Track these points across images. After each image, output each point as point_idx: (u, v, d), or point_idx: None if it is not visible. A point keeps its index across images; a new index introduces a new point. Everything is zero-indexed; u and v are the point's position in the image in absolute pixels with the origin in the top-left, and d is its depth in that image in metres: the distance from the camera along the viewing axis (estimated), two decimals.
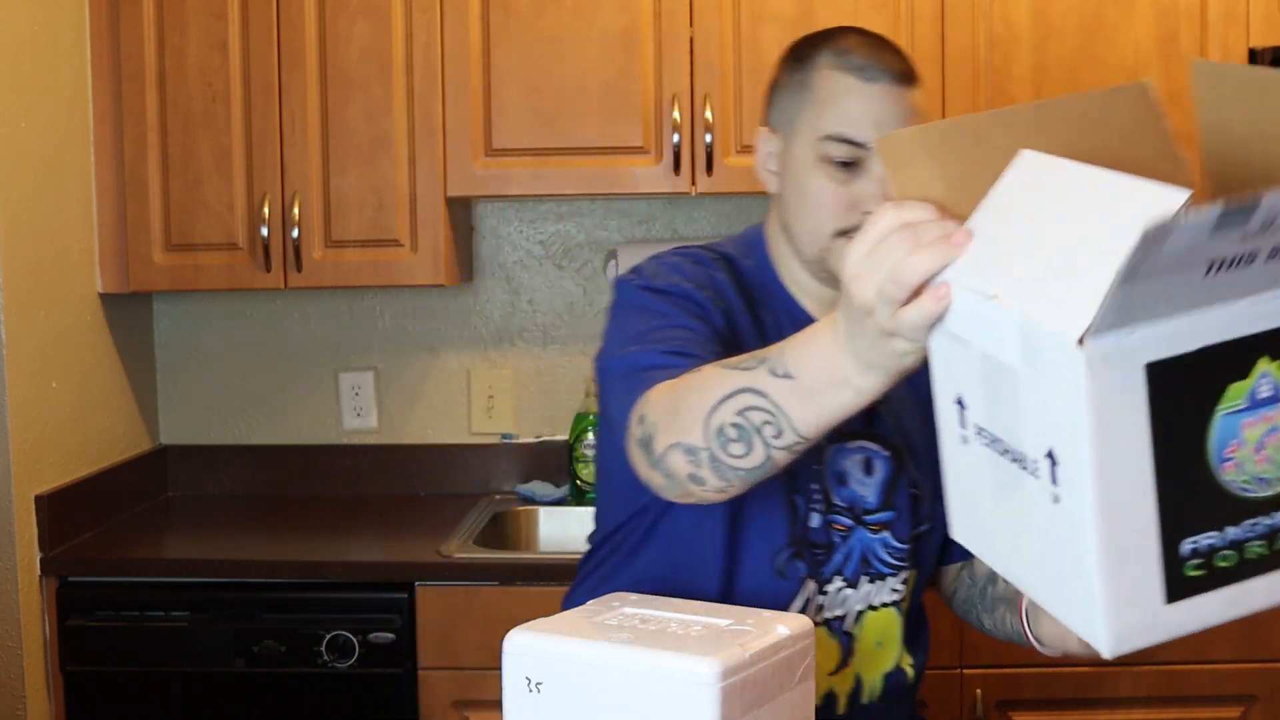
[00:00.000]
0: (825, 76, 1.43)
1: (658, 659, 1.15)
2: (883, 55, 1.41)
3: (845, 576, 1.46)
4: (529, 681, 1.18)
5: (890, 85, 1.39)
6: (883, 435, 1.47)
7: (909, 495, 1.48)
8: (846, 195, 1.41)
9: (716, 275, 1.45)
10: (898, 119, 1.38)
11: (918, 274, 0.89)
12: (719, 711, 1.12)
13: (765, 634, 1.21)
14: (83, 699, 2.49)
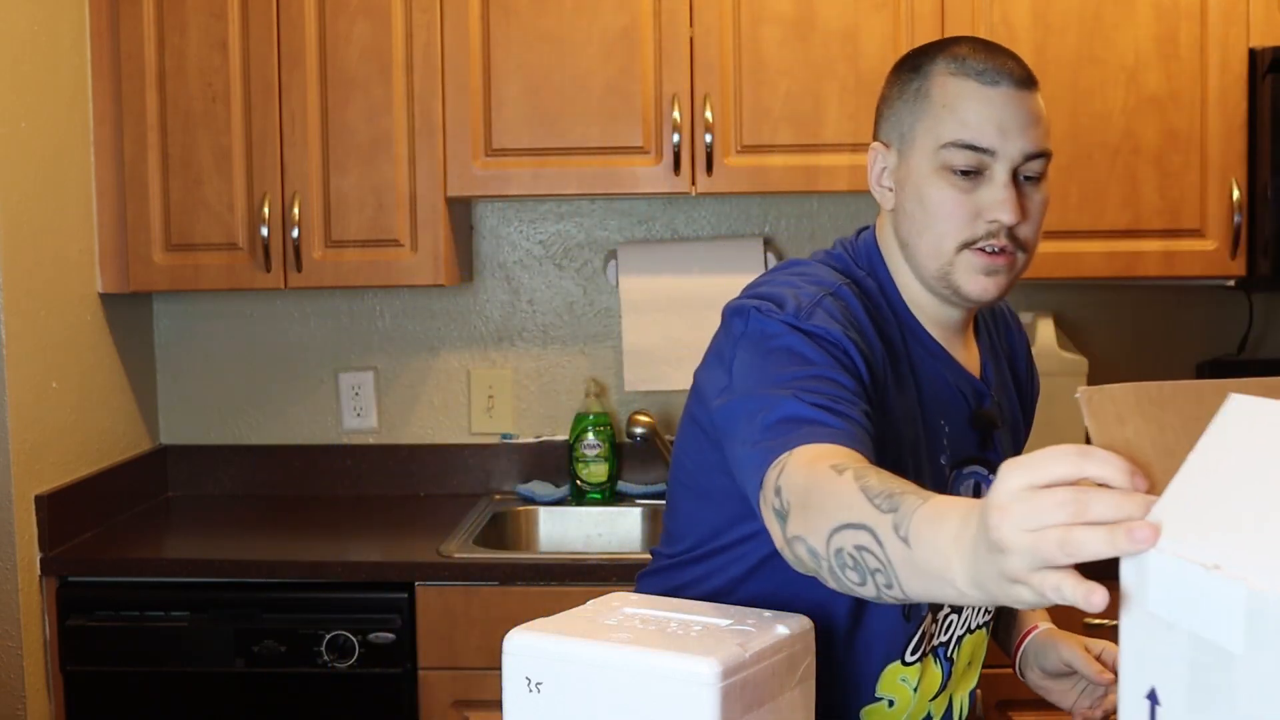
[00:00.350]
0: (943, 83, 1.37)
1: (658, 659, 1.15)
2: (1001, 59, 1.36)
3: (957, 609, 1.47)
4: (529, 681, 1.18)
5: (1011, 88, 1.34)
6: (995, 460, 1.44)
7: None
8: (970, 204, 1.36)
9: (858, 313, 1.37)
10: (1021, 122, 1.34)
11: (1080, 554, 0.78)
12: (719, 711, 1.12)
13: (765, 634, 1.21)
14: (83, 699, 2.49)
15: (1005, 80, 1.34)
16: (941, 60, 1.38)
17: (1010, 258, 1.37)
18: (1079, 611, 2.41)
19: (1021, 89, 1.35)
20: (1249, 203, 2.57)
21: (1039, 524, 0.79)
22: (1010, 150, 1.34)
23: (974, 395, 1.46)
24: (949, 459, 1.41)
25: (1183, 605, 0.75)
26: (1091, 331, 2.97)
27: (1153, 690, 0.79)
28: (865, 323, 1.37)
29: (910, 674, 1.44)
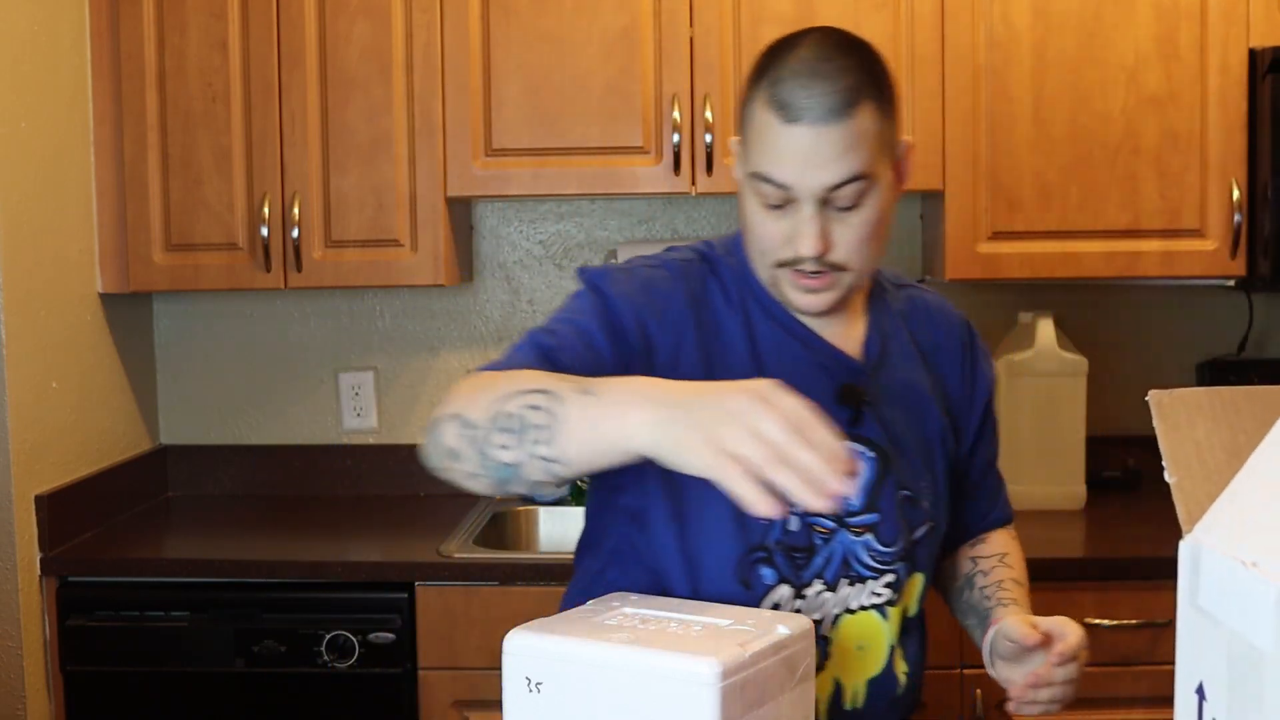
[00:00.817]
0: (757, 110, 1.37)
1: (658, 659, 1.15)
2: (814, 88, 1.33)
3: (825, 580, 1.44)
4: (529, 681, 1.18)
5: (815, 124, 1.32)
6: (868, 437, 1.46)
7: (899, 498, 1.47)
8: (780, 230, 1.38)
9: (676, 287, 1.43)
10: (822, 158, 1.33)
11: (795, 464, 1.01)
12: (719, 711, 1.12)
13: (765, 634, 1.21)
14: (83, 699, 2.49)
15: (808, 115, 1.32)
16: (765, 81, 1.36)
17: (828, 278, 1.39)
18: (1078, 609, 2.41)
19: (828, 122, 1.32)
20: (1249, 203, 2.57)
21: (763, 432, 1.02)
22: (809, 186, 1.34)
23: (844, 372, 1.47)
24: None
25: (1225, 602, 0.77)
26: (1091, 331, 2.97)
27: (1200, 685, 0.81)
28: (680, 297, 1.42)
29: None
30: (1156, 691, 2.35)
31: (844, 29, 1.43)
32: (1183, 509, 0.87)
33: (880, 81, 1.37)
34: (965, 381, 1.57)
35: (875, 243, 1.40)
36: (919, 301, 1.59)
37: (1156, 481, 2.98)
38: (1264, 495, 0.78)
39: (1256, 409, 0.87)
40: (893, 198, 1.42)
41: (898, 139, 1.42)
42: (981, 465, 1.64)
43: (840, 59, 1.35)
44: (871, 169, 1.36)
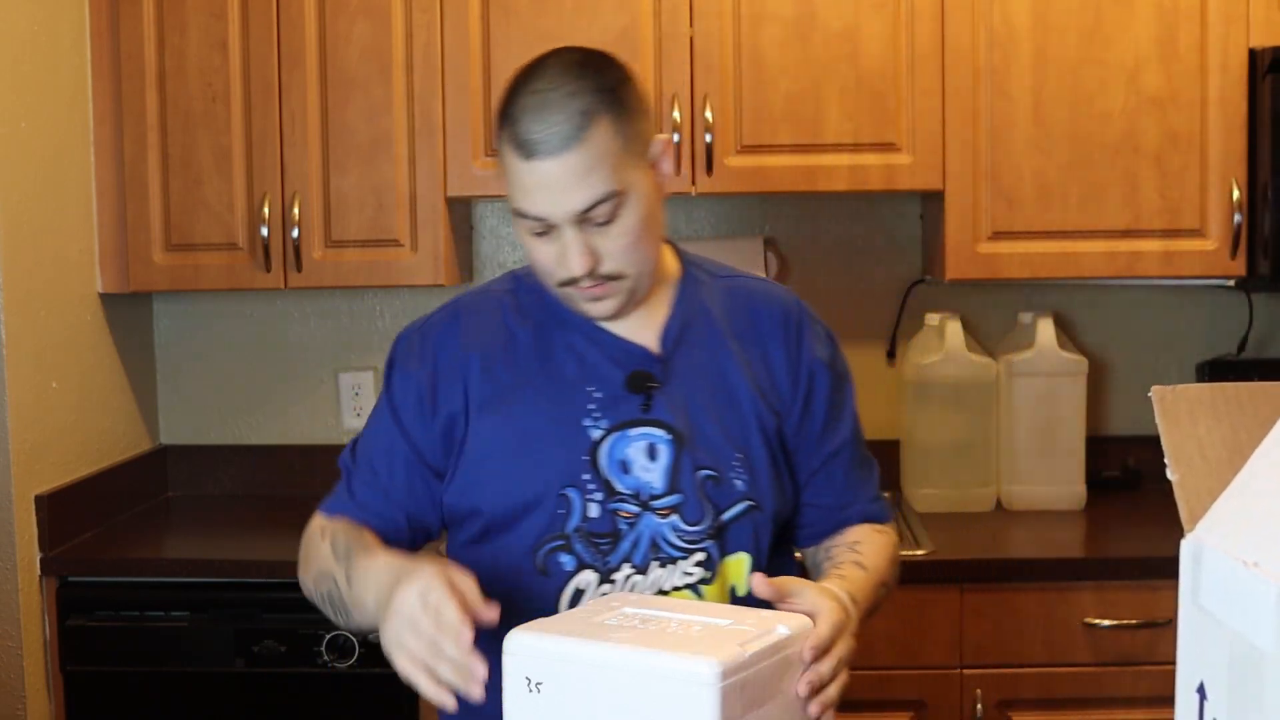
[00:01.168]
0: (503, 148, 1.45)
1: (658, 659, 1.15)
2: (544, 120, 1.40)
3: (634, 563, 1.48)
4: (529, 681, 1.18)
5: (549, 158, 1.40)
6: (662, 420, 1.50)
7: (699, 478, 1.50)
8: (550, 254, 1.46)
9: (451, 338, 1.57)
10: (563, 186, 1.41)
11: (415, 684, 1.23)
12: (719, 711, 1.12)
13: (765, 634, 1.21)
14: (83, 699, 2.49)
15: (541, 149, 1.40)
16: (505, 120, 1.44)
17: (606, 287, 1.48)
18: (1078, 609, 2.41)
19: (560, 153, 1.39)
20: (1249, 203, 2.57)
21: (403, 643, 1.25)
22: (560, 214, 1.42)
23: (635, 362, 1.52)
24: (607, 423, 1.50)
25: (1227, 601, 0.77)
26: (1091, 331, 2.97)
27: (1201, 684, 0.80)
28: (454, 344, 1.56)
29: None
30: (1156, 691, 2.35)
31: (581, 47, 1.50)
32: (1184, 506, 0.87)
33: (616, 94, 1.43)
34: (790, 362, 1.59)
35: (644, 245, 1.47)
36: (739, 290, 1.63)
37: (1157, 481, 2.98)
38: (1266, 494, 0.78)
39: (1259, 405, 0.87)
40: (656, 197, 1.49)
41: (648, 142, 1.48)
42: (824, 452, 1.61)
43: (569, 84, 1.42)
44: (619, 184, 1.42)
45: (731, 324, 1.58)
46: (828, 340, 1.64)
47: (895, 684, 2.41)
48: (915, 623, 2.40)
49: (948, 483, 2.76)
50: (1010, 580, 2.40)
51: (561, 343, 1.54)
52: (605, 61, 1.46)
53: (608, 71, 1.45)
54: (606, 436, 1.50)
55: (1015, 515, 2.74)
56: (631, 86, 1.47)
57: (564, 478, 1.49)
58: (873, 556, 1.56)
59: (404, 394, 1.58)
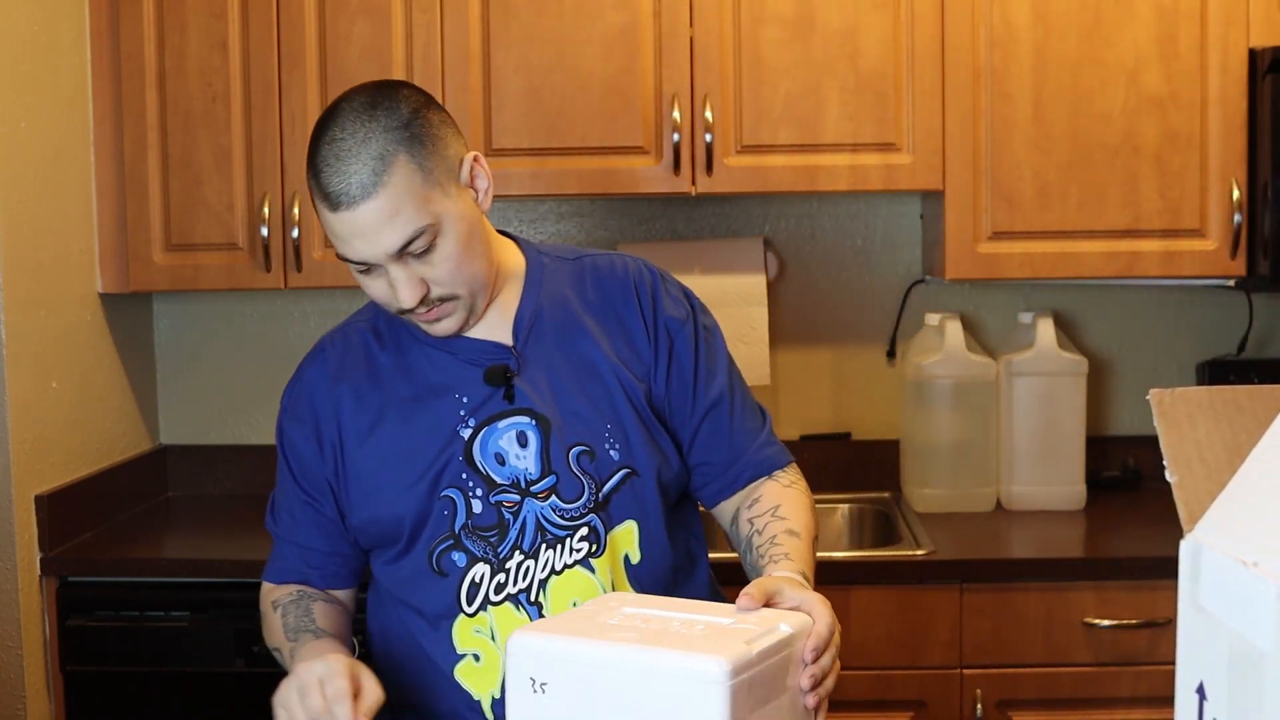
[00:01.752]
0: (314, 199, 1.48)
1: (667, 658, 1.15)
2: (341, 171, 1.43)
3: (523, 549, 1.53)
4: (534, 682, 1.18)
5: (351, 207, 1.43)
6: (526, 407, 1.56)
7: (571, 454, 1.55)
8: (381, 289, 1.51)
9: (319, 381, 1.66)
10: (374, 230, 1.44)
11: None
12: (729, 709, 1.12)
13: (769, 632, 1.21)
14: (83, 699, 2.49)
15: (345, 199, 1.43)
16: (311, 171, 1.47)
17: (442, 308, 1.53)
18: (1078, 609, 2.41)
19: (363, 201, 1.43)
20: (1249, 203, 2.57)
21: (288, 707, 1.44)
22: (376, 255, 1.46)
23: (490, 357, 1.58)
24: (475, 421, 1.55)
25: (1226, 601, 0.76)
26: (1091, 331, 2.97)
27: (1201, 684, 0.80)
28: (322, 385, 1.64)
29: (481, 624, 1.53)
30: (1156, 691, 2.36)
31: (374, 81, 1.53)
32: (1184, 508, 0.87)
33: (411, 130, 1.46)
34: (646, 326, 1.62)
35: (470, 264, 1.51)
36: (588, 267, 1.66)
37: (1156, 481, 2.98)
38: (1264, 494, 0.78)
39: (1258, 408, 0.87)
40: (475, 215, 1.52)
41: (455, 164, 1.51)
42: (701, 407, 1.63)
43: (362, 129, 1.44)
44: (429, 217, 1.46)
45: (585, 301, 1.63)
46: (683, 298, 1.67)
47: (895, 684, 2.41)
48: (915, 623, 2.40)
49: (948, 483, 2.76)
50: (1010, 580, 2.40)
51: (421, 358, 1.60)
52: (397, 94, 1.48)
53: (400, 105, 1.47)
54: (477, 433, 1.55)
55: (1015, 515, 2.74)
56: (428, 115, 1.49)
57: (445, 481, 1.54)
58: (797, 516, 1.59)
59: (295, 450, 1.68)
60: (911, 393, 2.80)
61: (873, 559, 2.46)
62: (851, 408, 3.01)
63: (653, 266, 1.68)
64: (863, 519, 2.86)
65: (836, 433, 3.01)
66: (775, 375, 2.99)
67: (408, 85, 1.52)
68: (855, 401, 3.01)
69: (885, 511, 2.81)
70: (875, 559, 2.45)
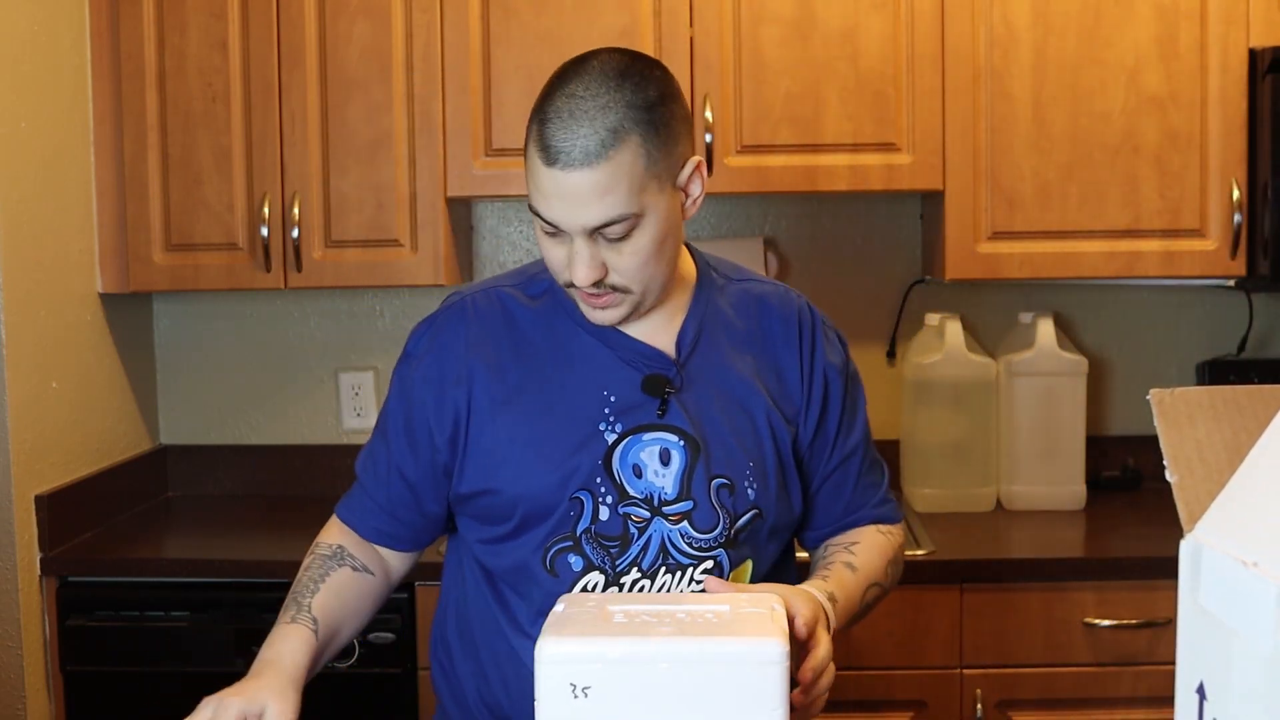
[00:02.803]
0: (529, 145, 1.42)
1: (721, 645, 1.17)
2: (572, 132, 1.37)
3: (642, 568, 1.48)
4: (574, 688, 1.16)
5: (570, 169, 1.37)
6: (677, 426, 1.50)
7: (713, 485, 1.50)
8: (561, 255, 1.45)
9: (461, 329, 1.55)
10: (579, 200, 1.38)
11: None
12: (782, 689, 1.15)
13: (779, 613, 1.25)
14: (83, 699, 2.49)
15: (563, 159, 1.37)
16: (536, 119, 1.41)
17: (610, 297, 1.46)
18: (1078, 609, 2.41)
19: (582, 167, 1.37)
20: (1249, 203, 2.57)
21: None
22: (572, 224, 1.40)
23: (651, 365, 1.52)
24: (621, 428, 1.49)
25: (1226, 601, 0.77)
26: (1091, 331, 2.97)
27: (1201, 684, 0.80)
28: (457, 348, 1.53)
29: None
30: (1156, 691, 2.36)
31: (631, 50, 1.46)
32: (1184, 508, 0.87)
33: (653, 113, 1.40)
34: (803, 369, 1.58)
35: (655, 264, 1.45)
36: (753, 293, 1.61)
37: (1156, 481, 2.98)
38: (1264, 494, 0.78)
39: (1258, 408, 0.87)
40: (677, 219, 1.47)
41: (679, 163, 1.45)
42: (837, 458, 1.61)
43: (606, 95, 1.38)
44: (638, 206, 1.40)
45: (746, 330, 1.58)
46: (839, 345, 1.63)
47: (895, 684, 2.41)
48: (915, 623, 2.40)
49: (948, 483, 2.76)
50: (1010, 580, 2.40)
51: (576, 343, 1.53)
52: (650, 74, 1.42)
53: (649, 86, 1.41)
54: (621, 440, 1.49)
55: (1015, 515, 2.74)
56: (673, 106, 1.43)
57: (578, 481, 1.48)
58: (866, 556, 1.56)
59: (408, 403, 1.57)
60: (911, 393, 2.80)
61: None
62: None
63: (813, 306, 1.64)
64: None
65: None
66: None
67: (662, 67, 1.46)
68: None
69: None
70: None
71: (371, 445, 1.63)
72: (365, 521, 1.61)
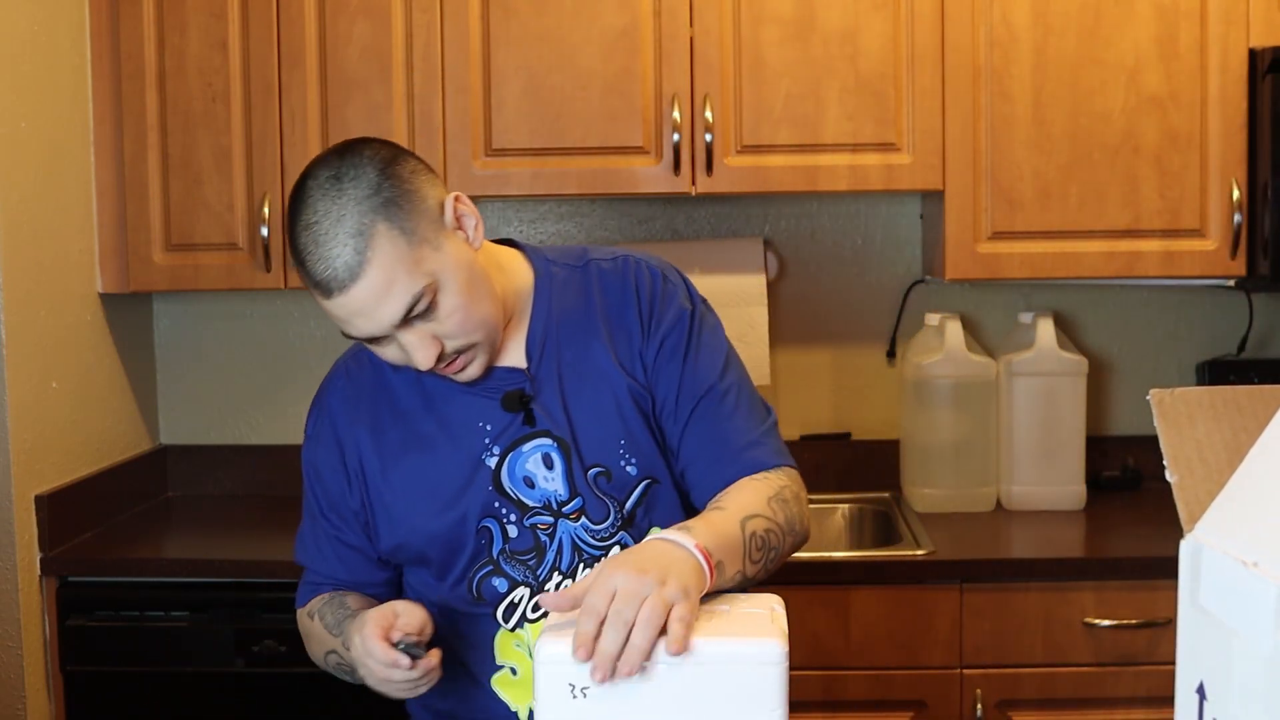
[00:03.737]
0: (302, 279, 1.44)
1: (722, 646, 1.17)
2: (324, 260, 1.38)
3: (562, 570, 1.53)
4: (573, 688, 1.17)
5: (341, 293, 1.39)
6: (545, 430, 1.53)
7: (589, 475, 1.52)
8: (396, 354, 1.47)
9: (344, 394, 1.63)
10: (369, 309, 1.40)
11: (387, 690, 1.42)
12: (782, 688, 1.16)
13: (777, 612, 1.24)
14: (83, 699, 2.49)
15: (334, 285, 1.38)
16: (292, 258, 1.43)
17: (464, 357, 1.48)
18: (1078, 609, 2.41)
19: (353, 283, 1.38)
20: (1249, 203, 2.57)
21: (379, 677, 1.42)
22: (379, 329, 1.42)
23: (506, 384, 1.54)
24: (499, 449, 1.53)
25: (1226, 601, 0.77)
26: (1091, 331, 2.97)
27: (1201, 684, 0.80)
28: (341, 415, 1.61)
29: (519, 639, 1.54)
30: (1156, 691, 2.36)
31: (337, 145, 1.45)
32: (1184, 508, 0.87)
33: (381, 192, 1.39)
34: (645, 328, 1.57)
35: (479, 309, 1.46)
36: (594, 274, 1.60)
37: (1156, 481, 2.98)
38: (1264, 494, 0.78)
39: (1258, 408, 0.87)
40: (470, 257, 1.47)
41: (435, 214, 1.44)
42: (687, 401, 1.55)
43: (334, 208, 1.38)
44: (424, 279, 1.40)
45: (594, 310, 1.58)
46: (684, 297, 1.60)
47: (895, 684, 2.41)
48: (915, 623, 2.40)
49: (948, 483, 2.76)
50: (1010, 580, 2.40)
51: (439, 390, 1.56)
52: (360, 159, 1.42)
53: (365, 171, 1.41)
54: (503, 460, 1.53)
55: (1015, 515, 2.74)
56: (397, 171, 1.42)
57: (477, 512, 1.52)
58: (734, 496, 1.47)
59: (321, 480, 1.62)
60: (911, 393, 2.80)
61: (873, 559, 2.46)
62: (851, 408, 3.01)
63: (654, 266, 1.62)
64: (863, 519, 2.86)
65: (836, 433, 3.01)
66: (775, 375, 2.99)
67: (369, 143, 1.45)
68: (855, 401, 3.01)
69: (885, 511, 2.81)
70: (875, 559, 2.45)
71: (302, 532, 1.67)
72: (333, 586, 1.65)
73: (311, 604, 1.64)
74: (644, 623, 1.17)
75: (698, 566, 1.27)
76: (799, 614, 2.02)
